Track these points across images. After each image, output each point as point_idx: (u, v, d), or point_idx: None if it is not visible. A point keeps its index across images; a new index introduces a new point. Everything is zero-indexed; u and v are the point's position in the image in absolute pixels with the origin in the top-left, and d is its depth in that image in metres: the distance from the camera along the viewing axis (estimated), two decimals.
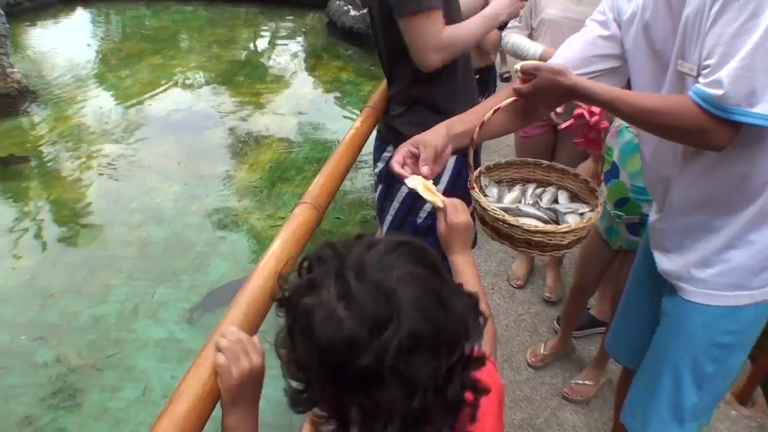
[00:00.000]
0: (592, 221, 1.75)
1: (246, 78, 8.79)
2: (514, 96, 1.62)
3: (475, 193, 1.80)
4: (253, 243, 5.12)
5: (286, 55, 10.10)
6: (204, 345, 1.15)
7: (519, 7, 2.41)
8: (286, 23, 11.72)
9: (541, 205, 1.97)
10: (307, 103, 7.99)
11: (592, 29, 1.73)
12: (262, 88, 8.47)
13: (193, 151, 6.67)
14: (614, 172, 2.45)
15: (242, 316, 1.23)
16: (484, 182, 2.04)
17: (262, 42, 10.95)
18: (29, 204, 5.74)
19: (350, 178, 5.73)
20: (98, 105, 7.72)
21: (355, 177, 5.94)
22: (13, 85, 7.46)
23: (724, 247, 1.63)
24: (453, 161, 2.35)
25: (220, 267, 4.78)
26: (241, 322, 1.22)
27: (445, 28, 2.15)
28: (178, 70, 9.04)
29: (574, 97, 1.54)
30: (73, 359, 3.93)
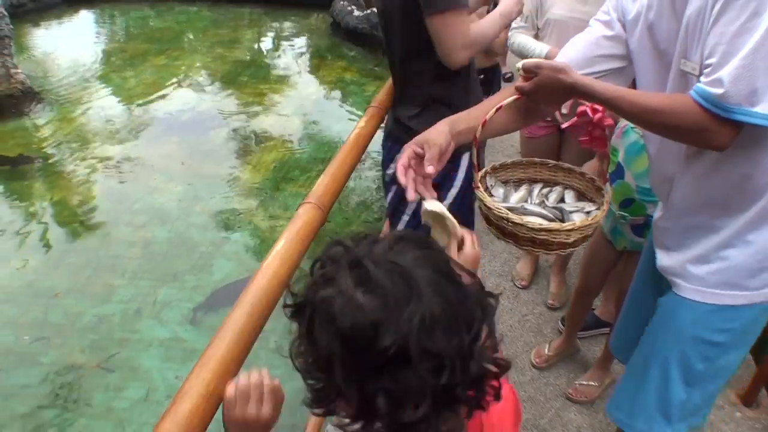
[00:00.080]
0: (597, 219, 1.75)
1: (250, 78, 8.79)
2: (517, 94, 1.62)
3: (480, 192, 1.80)
4: (257, 243, 5.12)
5: (290, 56, 10.11)
6: (208, 345, 1.15)
7: (522, 4, 2.43)
8: (290, 24, 11.73)
9: (548, 204, 1.97)
10: (311, 104, 8.00)
11: (596, 29, 1.73)
12: (266, 89, 8.47)
13: (197, 151, 6.66)
14: (619, 173, 2.44)
15: (246, 316, 1.23)
16: (490, 182, 2.04)
17: (266, 42, 10.96)
18: (33, 204, 5.74)
19: (354, 179, 5.72)
20: (102, 106, 7.72)
21: (359, 177, 5.94)
22: (17, 86, 7.46)
23: (722, 246, 1.63)
24: (467, 159, 2.39)
25: (224, 267, 4.77)
26: (245, 323, 1.21)
27: (470, 25, 2.18)
28: (182, 71, 9.05)
29: (575, 95, 1.53)
30: (77, 359, 3.94)
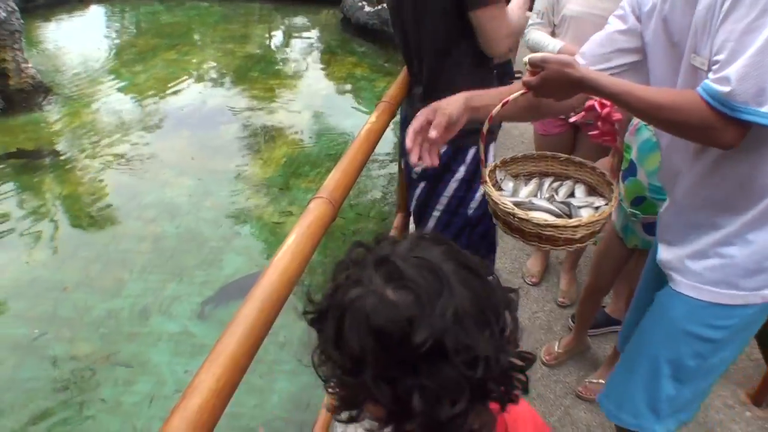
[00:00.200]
0: (604, 215, 1.74)
1: (260, 74, 8.80)
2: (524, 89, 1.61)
3: (487, 187, 1.81)
4: (267, 238, 5.12)
5: (300, 51, 10.11)
6: (218, 339, 1.14)
7: None
8: (300, 19, 11.74)
9: (557, 198, 1.96)
10: (321, 99, 8.00)
11: (613, 25, 1.73)
12: (276, 84, 8.48)
13: (207, 146, 6.67)
14: (632, 170, 2.43)
15: (257, 311, 1.22)
16: (500, 176, 2.04)
17: (277, 38, 10.98)
18: (43, 198, 5.76)
19: (364, 174, 5.72)
20: (112, 100, 7.75)
21: (369, 173, 5.93)
22: (28, 81, 7.49)
23: (721, 243, 1.61)
24: (472, 153, 2.40)
25: (234, 262, 4.78)
26: (256, 317, 1.21)
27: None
28: (193, 66, 9.07)
29: (582, 89, 1.52)
30: (87, 353, 3.95)
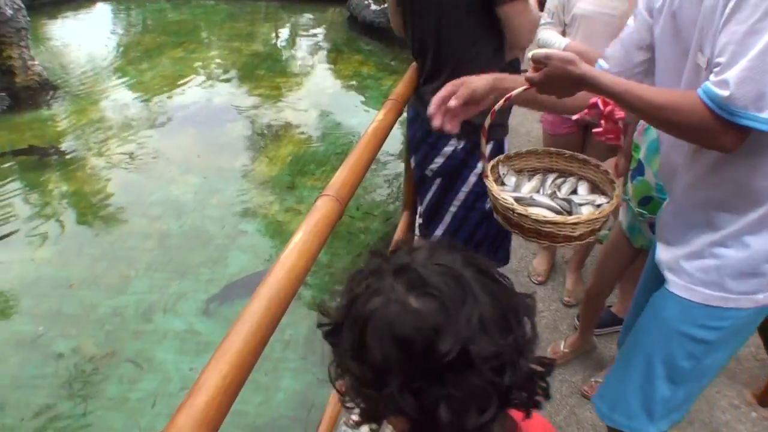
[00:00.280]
0: (604, 213, 1.74)
1: (266, 72, 8.79)
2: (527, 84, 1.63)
3: (488, 181, 1.82)
4: (273, 236, 5.12)
5: (306, 50, 10.11)
6: (224, 337, 1.14)
7: None
8: (306, 17, 11.73)
9: (559, 195, 1.96)
10: (328, 98, 7.99)
11: (630, 23, 1.74)
12: (282, 82, 8.47)
13: (213, 144, 6.67)
14: (640, 170, 2.42)
15: (263, 309, 1.22)
16: (503, 171, 2.05)
17: (283, 36, 10.97)
18: (49, 196, 5.77)
19: (370, 172, 5.72)
20: (118, 98, 7.75)
21: (375, 171, 5.93)
22: (34, 78, 7.50)
23: (717, 244, 1.60)
24: (490, 147, 2.43)
25: (240, 260, 4.78)
26: (263, 315, 1.20)
27: None
28: (199, 64, 9.07)
29: (583, 87, 1.52)
30: (92, 350, 3.95)
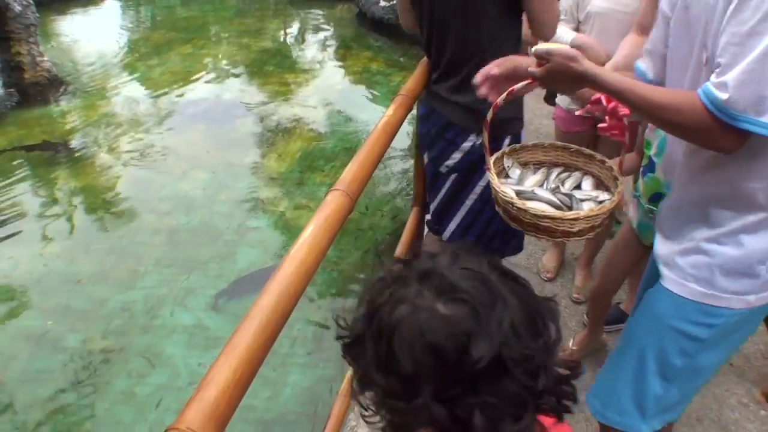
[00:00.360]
0: (604, 210, 1.75)
1: (275, 68, 8.79)
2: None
3: (490, 174, 1.84)
4: (282, 232, 5.12)
5: (315, 46, 10.11)
6: (234, 331, 1.13)
7: None
8: (315, 14, 11.71)
9: (563, 190, 1.96)
10: (337, 94, 7.98)
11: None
12: (291, 78, 8.47)
13: (222, 140, 6.67)
14: (650, 167, 2.41)
15: (273, 304, 1.22)
16: (508, 163, 2.06)
17: (292, 32, 10.96)
18: (58, 191, 5.78)
19: (378, 169, 5.72)
20: (128, 94, 7.75)
21: (383, 167, 5.92)
22: (43, 74, 7.51)
23: (711, 240, 1.59)
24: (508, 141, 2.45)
25: (248, 255, 4.78)
26: (273, 310, 1.20)
27: None
28: (208, 60, 9.07)
29: (585, 83, 1.53)
30: (100, 345, 3.96)
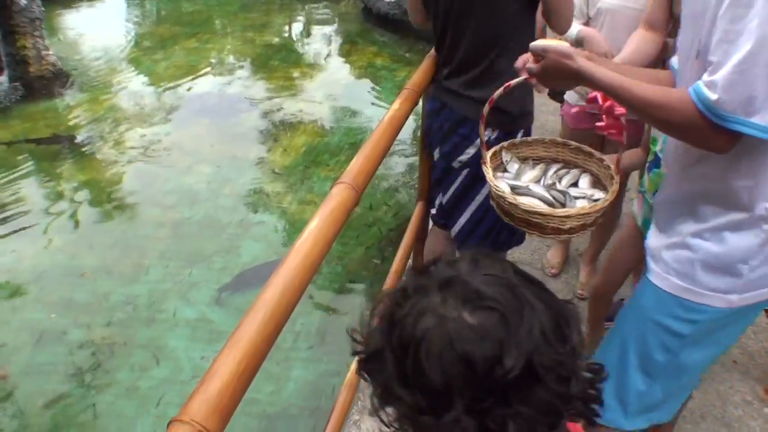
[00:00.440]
0: (596, 208, 1.77)
1: (280, 62, 8.79)
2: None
3: (484, 167, 1.88)
4: (285, 226, 5.12)
5: (320, 41, 10.11)
6: (239, 323, 1.13)
7: None
8: (320, 8, 11.71)
9: (559, 186, 1.97)
10: (342, 89, 7.99)
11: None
12: (296, 73, 8.47)
13: (226, 134, 6.68)
14: (656, 162, 2.39)
15: (278, 296, 1.21)
16: (506, 158, 2.07)
17: (297, 27, 10.96)
18: (63, 184, 5.79)
19: (383, 163, 5.72)
20: (132, 88, 7.77)
21: (387, 162, 5.92)
22: (48, 68, 7.51)
23: (695, 235, 1.57)
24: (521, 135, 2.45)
25: (252, 249, 4.78)
26: (277, 302, 1.19)
27: None
28: (213, 54, 9.08)
29: (580, 81, 1.53)
30: (104, 338, 3.96)
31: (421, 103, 2.72)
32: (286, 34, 10.50)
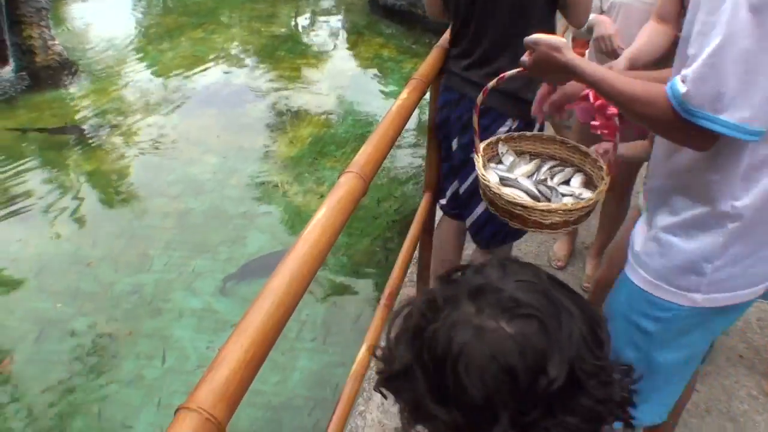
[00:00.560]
0: (578, 206, 1.77)
1: (287, 53, 8.78)
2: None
3: (475, 157, 1.92)
4: (292, 216, 5.12)
5: (327, 32, 10.09)
6: (246, 311, 1.12)
7: None
8: (327, 0, 11.69)
9: (550, 183, 1.97)
10: (348, 80, 7.98)
11: None
12: (302, 64, 8.46)
13: (232, 124, 6.68)
14: None
15: (286, 285, 1.20)
16: (502, 150, 2.09)
17: (303, 18, 10.94)
18: (69, 174, 5.80)
19: (389, 153, 5.72)
20: (139, 78, 7.77)
21: (394, 152, 5.91)
22: (54, 58, 7.51)
23: (666, 229, 1.55)
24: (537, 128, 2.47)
25: (258, 239, 4.78)
26: (285, 291, 1.18)
27: None
28: (219, 45, 9.07)
29: (568, 74, 1.53)
30: (109, 327, 3.97)
31: (429, 95, 2.71)
32: (293, 25, 10.49)
